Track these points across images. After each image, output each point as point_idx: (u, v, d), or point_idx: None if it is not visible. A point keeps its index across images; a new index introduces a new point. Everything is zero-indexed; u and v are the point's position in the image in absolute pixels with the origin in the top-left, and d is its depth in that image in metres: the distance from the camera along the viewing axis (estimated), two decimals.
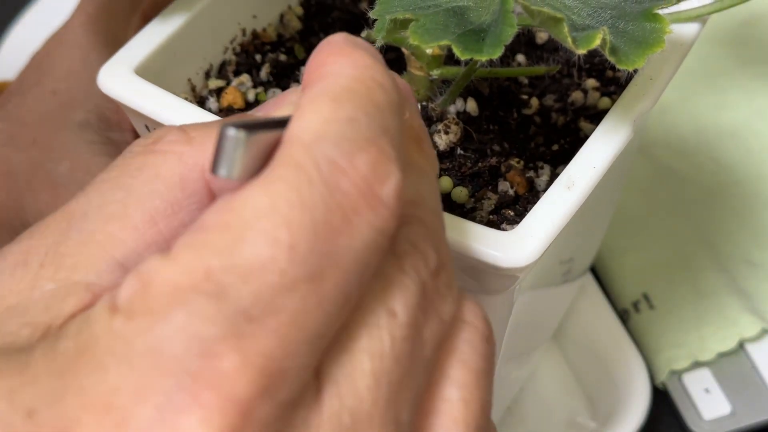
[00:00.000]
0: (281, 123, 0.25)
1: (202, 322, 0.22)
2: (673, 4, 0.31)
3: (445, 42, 0.28)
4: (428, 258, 0.26)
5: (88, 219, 0.26)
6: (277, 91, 0.40)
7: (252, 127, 0.24)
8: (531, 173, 0.38)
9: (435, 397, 0.26)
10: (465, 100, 0.39)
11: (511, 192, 0.37)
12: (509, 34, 0.28)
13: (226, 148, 0.24)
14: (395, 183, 0.25)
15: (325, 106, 0.25)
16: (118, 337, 0.22)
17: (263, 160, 0.24)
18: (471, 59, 0.29)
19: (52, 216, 0.27)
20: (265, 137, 0.24)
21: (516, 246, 0.32)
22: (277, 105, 0.28)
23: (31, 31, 0.63)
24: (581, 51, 0.28)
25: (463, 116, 0.38)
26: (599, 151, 0.34)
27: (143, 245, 0.26)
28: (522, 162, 0.38)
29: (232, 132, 0.24)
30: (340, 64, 0.26)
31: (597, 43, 0.28)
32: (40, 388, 0.22)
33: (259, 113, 0.28)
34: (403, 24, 0.30)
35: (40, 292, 0.25)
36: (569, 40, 0.28)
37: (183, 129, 0.27)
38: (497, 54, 0.28)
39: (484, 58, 0.28)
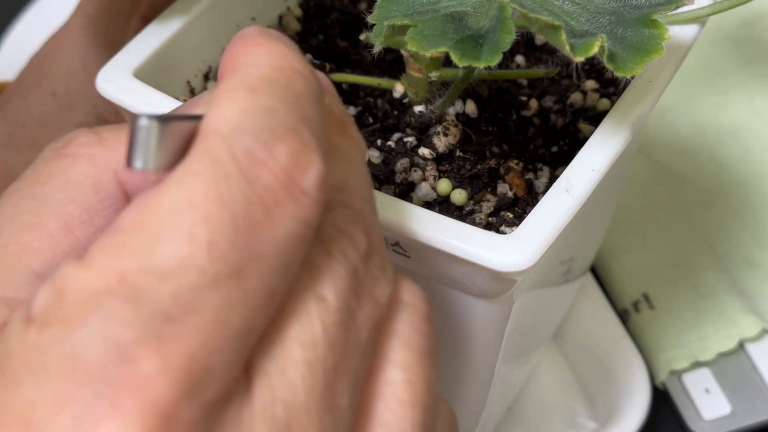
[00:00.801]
0: (198, 117, 0.24)
1: (118, 326, 0.21)
2: (672, 10, 0.31)
3: (443, 48, 0.28)
4: (357, 241, 0.25)
5: (1, 231, 0.25)
6: None
7: (164, 117, 0.23)
8: (530, 175, 0.38)
9: (378, 380, 0.26)
10: (464, 102, 0.39)
11: (510, 194, 0.36)
12: (507, 41, 0.28)
13: (139, 137, 0.23)
14: (317, 172, 0.24)
15: (241, 96, 0.24)
16: (32, 348, 0.22)
17: (180, 153, 0.23)
18: (468, 66, 0.29)
19: None
20: (180, 127, 0.23)
21: (514, 250, 0.31)
22: (192, 106, 0.27)
23: (31, 31, 0.63)
24: (579, 58, 0.28)
25: (462, 118, 0.38)
26: (598, 154, 0.34)
27: (60, 254, 0.25)
28: (521, 164, 0.38)
29: (144, 121, 0.23)
30: (255, 54, 0.25)
31: (595, 50, 0.28)
32: None
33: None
34: (402, 29, 0.30)
35: None
36: (567, 47, 0.28)
37: (94, 130, 0.26)
38: (495, 61, 0.28)
39: (482, 65, 0.28)
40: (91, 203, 0.26)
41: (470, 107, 0.39)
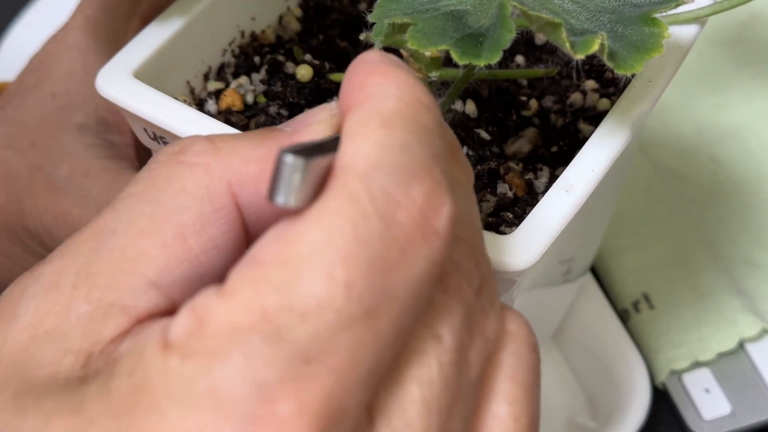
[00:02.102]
0: (329, 145, 0.25)
1: (260, 364, 0.22)
2: (672, 9, 0.31)
3: (443, 46, 0.28)
4: (471, 276, 0.26)
5: (118, 236, 0.25)
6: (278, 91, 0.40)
7: (305, 151, 0.23)
8: (530, 175, 0.38)
9: (485, 414, 0.26)
10: (464, 102, 0.39)
11: (510, 194, 0.36)
12: (507, 39, 0.28)
13: (284, 174, 0.23)
14: (449, 212, 0.24)
15: (376, 131, 0.24)
16: (175, 377, 0.22)
17: (318, 185, 0.24)
18: (468, 64, 0.29)
19: (80, 234, 0.26)
20: (319, 163, 0.24)
21: (514, 250, 0.32)
22: (305, 122, 0.27)
23: (31, 31, 0.63)
24: (579, 56, 0.28)
25: (462, 118, 0.38)
26: (598, 154, 0.34)
27: (174, 262, 0.25)
28: (521, 164, 0.38)
29: (290, 159, 0.23)
30: (383, 85, 0.25)
31: (595, 48, 0.28)
32: (97, 430, 0.22)
33: (288, 129, 0.27)
34: (402, 28, 0.30)
35: (75, 315, 0.24)
36: (567, 45, 0.28)
37: (210, 139, 0.26)
38: (495, 59, 0.28)
39: (482, 63, 0.28)
40: (205, 212, 0.26)
41: (470, 107, 0.39)
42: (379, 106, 0.24)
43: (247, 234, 0.26)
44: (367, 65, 0.26)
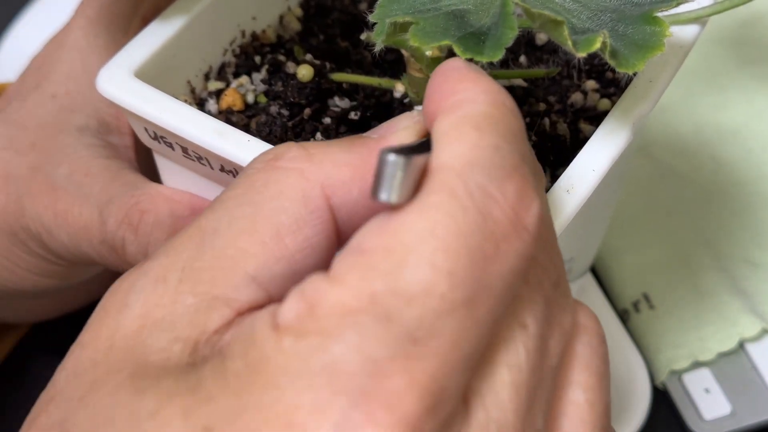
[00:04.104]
0: (420, 147, 0.26)
1: (373, 342, 0.23)
2: (673, 8, 0.31)
3: (445, 42, 0.29)
4: (549, 271, 0.27)
5: (220, 235, 0.27)
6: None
7: (404, 151, 0.25)
8: None
9: (563, 400, 0.28)
10: None
11: None
12: (510, 36, 0.28)
13: (387, 172, 0.25)
14: (538, 210, 0.26)
15: (470, 133, 0.26)
16: (290, 355, 0.23)
17: (416, 183, 0.25)
18: (471, 60, 0.29)
19: (184, 232, 0.28)
20: (418, 162, 0.25)
21: None
22: (391, 129, 0.29)
23: (31, 31, 0.63)
24: (581, 54, 0.28)
25: None
26: (598, 154, 0.34)
27: (272, 260, 0.27)
28: None
29: (392, 157, 0.25)
30: (472, 91, 0.27)
31: (597, 46, 0.28)
32: (215, 407, 0.23)
33: (374, 135, 0.29)
34: (403, 27, 0.30)
35: (182, 306, 0.26)
36: (569, 43, 0.28)
37: (303, 146, 0.28)
38: (498, 56, 0.28)
39: (485, 60, 0.28)
40: (300, 214, 0.27)
41: None
42: (471, 110, 0.26)
43: (338, 234, 0.28)
44: (456, 72, 0.28)
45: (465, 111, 0.26)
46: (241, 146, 0.35)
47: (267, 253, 0.27)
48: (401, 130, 0.29)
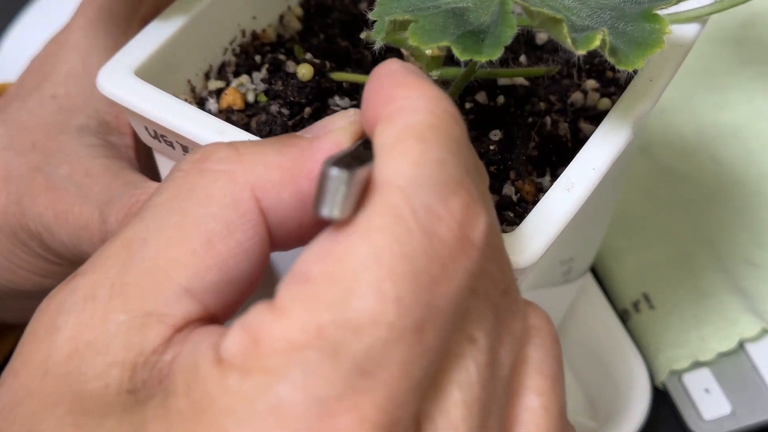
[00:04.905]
0: (359, 153, 0.25)
1: (319, 380, 0.22)
2: (673, 5, 0.31)
3: (444, 43, 0.28)
4: (497, 280, 0.26)
5: (148, 245, 0.26)
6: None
7: (345, 163, 0.24)
8: (533, 175, 0.38)
9: (517, 408, 0.27)
10: (465, 102, 0.39)
11: (514, 198, 0.37)
12: (509, 35, 0.28)
13: (329, 187, 0.24)
14: (483, 223, 0.25)
15: (414, 147, 0.25)
16: (235, 396, 0.23)
17: (359, 197, 0.25)
18: (470, 60, 0.29)
19: (111, 244, 0.26)
20: (361, 175, 0.24)
21: (515, 248, 0.32)
22: (324, 129, 0.28)
23: (31, 31, 0.63)
24: (581, 52, 0.28)
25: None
26: (598, 153, 0.34)
27: (204, 269, 0.26)
28: (534, 170, 0.38)
29: (335, 171, 0.24)
30: (412, 98, 0.26)
31: (597, 44, 0.28)
32: None
33: (307, 135, 0.28)
34: (402, 25, 0.30)
35: (114, 325, 0.25)
36: (569, 40, 0.28)
37: (232, 146, 0.27)
38: (497, 55, 0.28)
39: (483, 59, 0.28)
40: (231, 219, 0.26)
41: (470, 107, 0.39)
42: (412, 119, 0.25)
43: (271, 237, 0.27)
44: (392, 77, 0.26)
45: (406, 120, 0.25)
46: None
47: (199, 262, 0.26)
48: (336, 130, 0.28)
